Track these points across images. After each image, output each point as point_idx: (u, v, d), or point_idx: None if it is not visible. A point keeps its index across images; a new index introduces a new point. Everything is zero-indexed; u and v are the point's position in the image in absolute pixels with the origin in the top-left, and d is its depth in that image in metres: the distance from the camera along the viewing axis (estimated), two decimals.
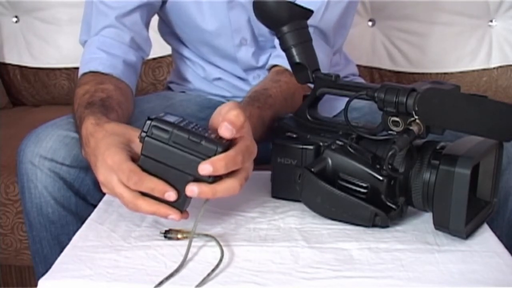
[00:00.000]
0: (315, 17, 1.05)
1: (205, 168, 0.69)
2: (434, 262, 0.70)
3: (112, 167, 0.72)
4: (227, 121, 0.70)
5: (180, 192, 0.71)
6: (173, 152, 0.71)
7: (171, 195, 0.71)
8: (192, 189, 0.70)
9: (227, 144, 0.71)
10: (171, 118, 0.72)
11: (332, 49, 1.13)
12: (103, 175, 0.73)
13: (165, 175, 0.71)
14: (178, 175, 0.71)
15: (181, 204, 0.72)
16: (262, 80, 1.05)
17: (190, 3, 1.12)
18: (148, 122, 0.71)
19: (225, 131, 0.70)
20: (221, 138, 0.71)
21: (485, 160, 0.76)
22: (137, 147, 0.75)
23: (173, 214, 0.72)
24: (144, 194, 0.72)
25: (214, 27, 1.13)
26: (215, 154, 0.70)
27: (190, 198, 0.72)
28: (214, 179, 0.71)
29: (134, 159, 0.73)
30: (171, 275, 0.66)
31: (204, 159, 0.69)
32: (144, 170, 0.71)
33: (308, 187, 0.78)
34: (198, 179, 0.70)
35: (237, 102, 0.83)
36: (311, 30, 0.88)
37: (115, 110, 0.91)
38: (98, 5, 1.07)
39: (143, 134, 0.71)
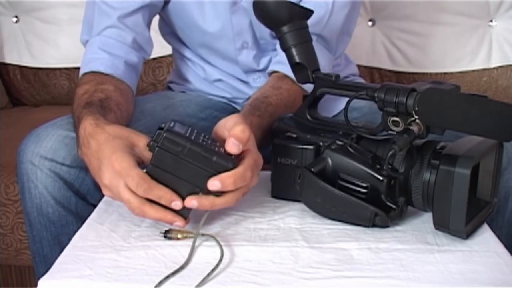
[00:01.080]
0: (319, 25, 1.05)
1: (214, 184, 0.71)
2: (434, 262, 0.70)
3: (120, 173, 0.72)
4: (234, 137, 0.72)
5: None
6: (184, 165, 0.72)
7: (178, 204, 0.73)
8: (192, 203, 0.72)
9: (236, 159, 0.73)
10: (181, 129, 0.73)
11: (334, 56, 1.13)
12: (108, 179, 0.74)
13: (172, 184, 0.72)
14: (186, 186, 0.72)
15: (186, 212, 0.74)
16: (263, 86, 1.05)
17: (193, 4, 1.11)
18: (160, 132, 0.71)
19: (232, 147, 0.72)
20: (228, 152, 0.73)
21: (485, 160, 0.76)
22: (141, 151, 0.76)
23: (179, 222, 0.74)
24: (148, 199, 0.73)
25: (216, 29, 1.13)
26: (225, 170, 0.71)
27: None
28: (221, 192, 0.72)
29: (138, 163, 0.73)
30: (173, 273, 0.66)
31: (213, 174, 0.71)
32: (151, 177, 0.72)
33: (308, 187, 0.78)
34: (205, 191, 0.72)
35: (239, 114, 0.84)
36: (314, 38, 0.89)
37: (113, 111, 0.91)
38: (101, 5, 1.07)
39: (154, 144, 0.72)
